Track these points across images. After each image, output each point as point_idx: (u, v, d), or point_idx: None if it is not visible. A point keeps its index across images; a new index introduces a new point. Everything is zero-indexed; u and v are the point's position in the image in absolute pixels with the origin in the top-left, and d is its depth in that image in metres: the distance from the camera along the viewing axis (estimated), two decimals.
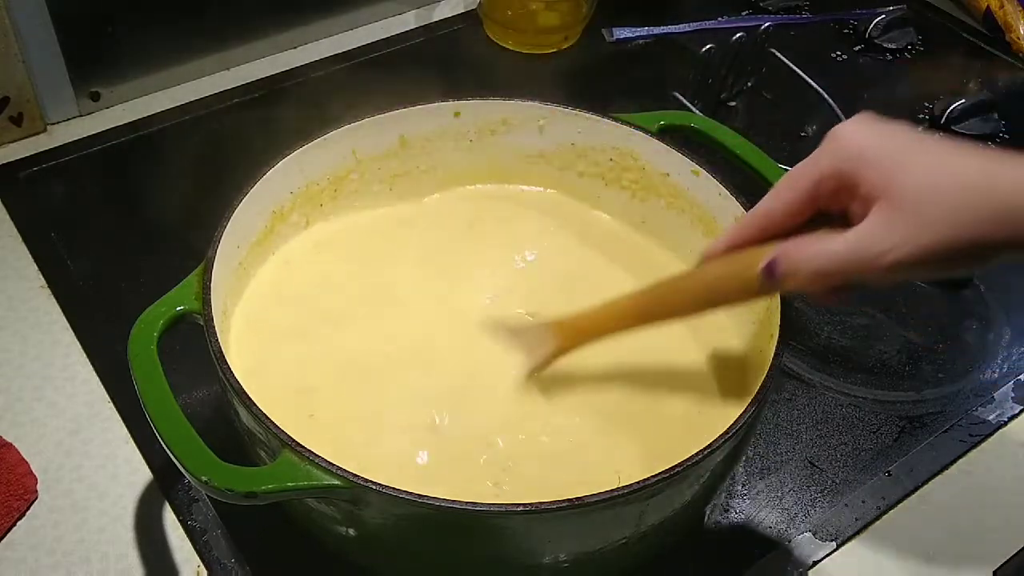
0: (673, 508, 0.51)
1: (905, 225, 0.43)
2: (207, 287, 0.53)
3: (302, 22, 0.97)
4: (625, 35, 0.99)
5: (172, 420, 0.47)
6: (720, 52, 0.88)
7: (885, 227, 0.44)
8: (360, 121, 0.65)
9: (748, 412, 0.50)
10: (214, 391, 0.64)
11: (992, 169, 0.43)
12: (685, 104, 0.88)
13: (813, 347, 0.73)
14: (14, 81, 0.82)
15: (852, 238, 0.45)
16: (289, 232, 0.65)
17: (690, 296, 0.54)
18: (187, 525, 0.60)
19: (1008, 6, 1.03)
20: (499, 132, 0.68)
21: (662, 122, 0.66)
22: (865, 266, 0.44)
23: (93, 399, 0.66)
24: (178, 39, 0.90)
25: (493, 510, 0.46)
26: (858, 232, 0.44)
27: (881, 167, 0.44)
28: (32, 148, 0.84)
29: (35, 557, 0.58)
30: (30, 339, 0.70)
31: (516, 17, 0.97)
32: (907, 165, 0.44)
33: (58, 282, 0.74)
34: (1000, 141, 0.92)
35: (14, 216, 0.79)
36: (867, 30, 1.02)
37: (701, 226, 0.65)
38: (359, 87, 0.91)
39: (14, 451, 0.62)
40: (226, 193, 0.59)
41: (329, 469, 0.45)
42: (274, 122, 0.85)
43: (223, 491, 0.45)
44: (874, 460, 0.66)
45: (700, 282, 0.53)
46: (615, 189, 0.69)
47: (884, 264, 0.43)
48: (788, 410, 0.69)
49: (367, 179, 0.68)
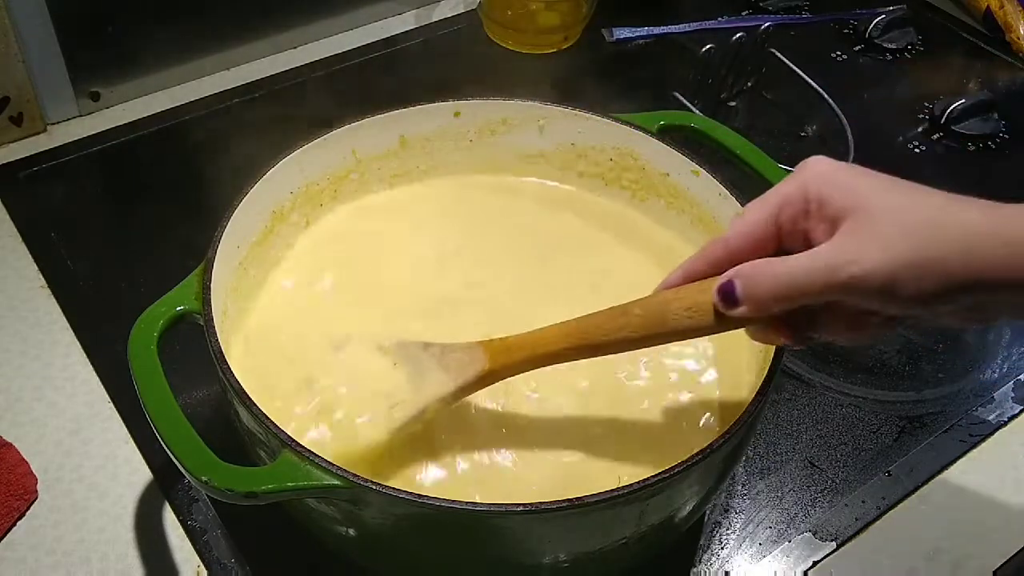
0: (673, 508, 0.51)
1: (870, 238, 0.42)
2: (207, 287, 0.53)
3: (302, 22, 0.97)
4: (625, 35, 0.99)
5: (172, 420, 0.47)
6: (720, 52, 0.88)
7: (849, 242, 0.42)
8: (360, 121, 0.65)
9: (748, 412, 0.50)
10: (214, 391, 0.64)
11: (954, 206, 0.42)
12: (685, 104, 0.88)
13: (813, 347, 0.73)
14: (14, 81, 0.82)
15: (816, 252, 0.43)
16: (289, 232, 0.65)
17: (638, 324, 0.49)
18: (187, 525, 0.60)
19: (1008, 6, 1.03)
20: (499, 132, 0.68)
21: (662, 122, 0.66)
22: (828, 280, 0.42)
23: (93, 399, 0.66)
24: (178, 39, 0.90)
25: (493, 510, 0.46)
26: (822, 247, 0.43)
27: (849, 189, 0.44)
28: (32, 148, 0.85)
29: (35, 557, 0.58)
30: (30, 339, 0.70)
31: (516, 17, 0.97)
32: (876, 190, 0.43)
33: (58, 282, 0.74)
34: (1000, 141, 0.92)
35: (14, 216, 0.79)
36: (867, 30, 1.02)
37: (701, 226, 0.65)
38: (359, 87, 0.91)
39: (14, 451, 0.62)
40: (226, 193, 0.59)
41: (329, 469, 0.45)
42: (274, 122, 0.85)
43: (223, 491, 0.45)
44: (874, 460, 0.66)
45: (649, 309, 0.49)
46: (615, 189, 0.69)
47: (846, 276, 0.42)
48: (788, 410, 0.69)
49: (367, 179, 0.68)
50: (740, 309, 0.45)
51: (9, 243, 0.77)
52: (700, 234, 0.64)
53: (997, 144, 0.92)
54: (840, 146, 0.86)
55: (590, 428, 0.57)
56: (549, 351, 0.52)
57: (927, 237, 0.41)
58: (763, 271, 0.45)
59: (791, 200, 0.46)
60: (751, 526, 0.62)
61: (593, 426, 0.57)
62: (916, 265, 0.41)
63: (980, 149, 0.91)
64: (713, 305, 0.46)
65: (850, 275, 0.42)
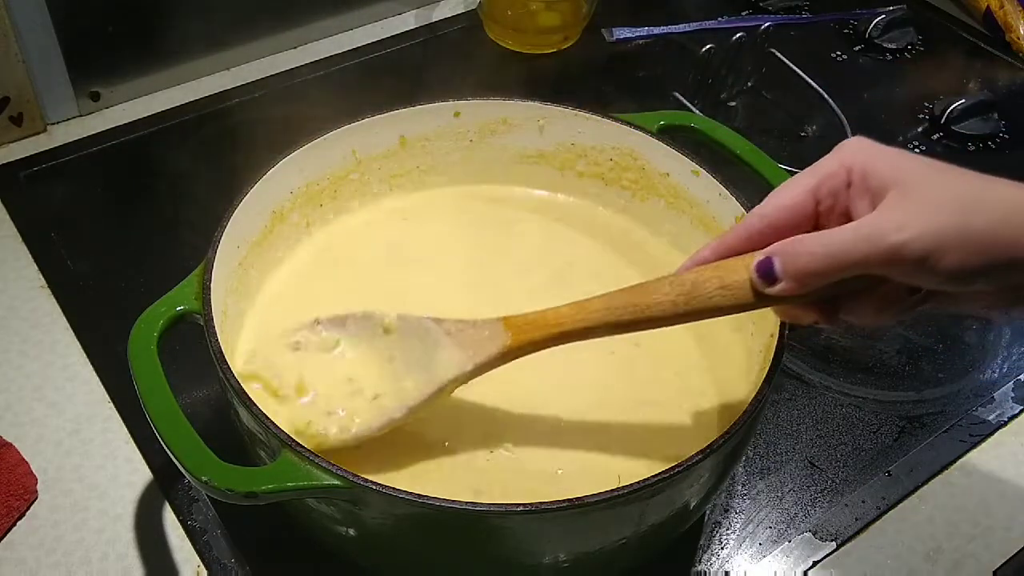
0: (673, 508, 0.51)
1: (915, 208, 0.41)
2: (207, 287, 0.53)
3: (302, 22, 0.97)
4: (625, 35, 0.99)
5: (172, 420, 0.47)
6: (720, 52, 0.88)
7: (893, 211, 0.42)
8: (360, 121, 0.65)
9: (748, 412, 0.50)
10: (214, 391, 0.64)
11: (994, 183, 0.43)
12: (685, 104, 0.88)
13: (813, 347, 0.73)
14: (14, 81, 0.82)
15: (858, 223, 0.42)
16: (289, 232, 0.65)
17: (668, 303, 0.47)
18: (187, 525, 0.60)
19: (1008, 6, 1.03)
20: (499, 132, 0.68)
21: (662, 122, 0.66)
22: (871, 250, 0.41)
23: (93, 399, 0.66)
24: (178, 39, 0.90)
25: (493, 510, 0.46)
26: (864, 218, 0.43)
27: (893, 163, 0.43)
28: (32, 148, 0.85)
29: (35, 557, 0.58)
30: (30, 339, 0.70)
31: (516, 17, 0.97)
32: (919, 165, 0.43)
33: (58, 282, 0.74)
34: (1000, 141, 0.92)
35: (14, 216, 0.79)
36: (867, 30, 1.02)
37: (701, 226, 0.65)
38: (359, 87, 0.91)
39: (14, 451, 0.62)
40: (226, 193, 0.59)
41: (329, 469, 0.45)
42: (274, 122, 0.85)
43: (223, 491, 0.45)
44: (874, 460, 0.66)
45: (681, 288, 0.47)
46: (615, 189, 0.69)
47: (888, 244, 0.41)
48: (788, 410, 0.69)
49: (367, 179, 0.68)
50: (779, 286, 0.44)
51: (9, 243, 0.77)
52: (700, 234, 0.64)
53: (997, 144, 0.92)
54: None
55: (590, 428, 0.57)
56: (574, 328, 0.50)
57: (972, 209, 0.41)
58: (803, 246, 0.44)
59: (832, 173, 0.45)
60: (751, 526, 0.62)
61: (593, 426, 0.57)
62: (961, 235, 0.41)
63: (980, 149, 0.91)
64: (750, 283, 0.45)
65: (893, 243, 0.41)
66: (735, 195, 0.61)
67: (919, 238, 0.40)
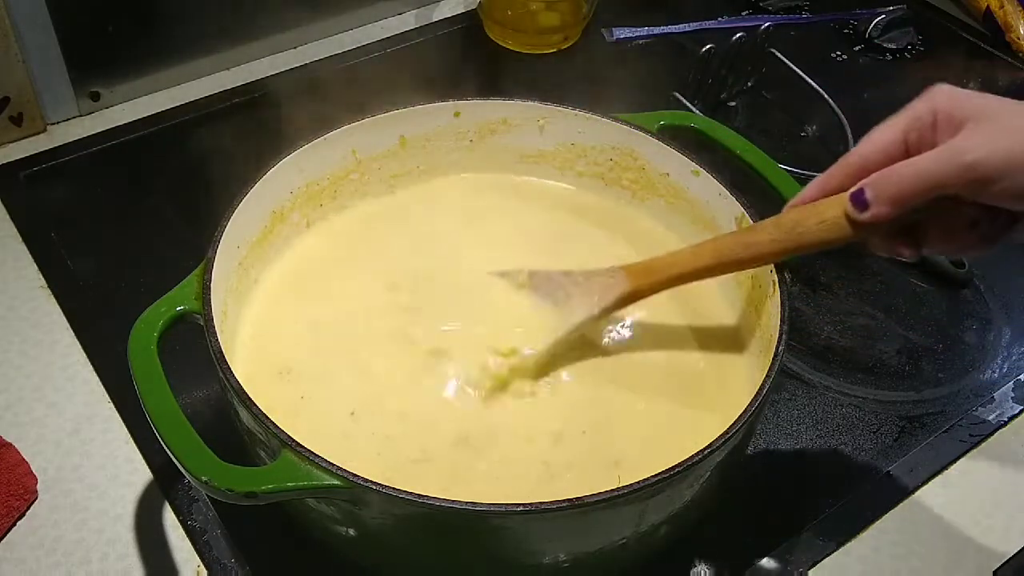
0: (673, 508, 0.51)
1: (996, 129, 0.45)
2: (207, 287, 0.53)
3: (302, 22, 0.97)
4: (625, 35, 0.99)
5: (172, 420, 0.47)
6: (720, 52, 0.88)
7: (974, 133, 0.45)
8: (360, 121, 0.65)
9: (748, 412, 0.50)
10: (214, 391, 0.64)
11: None
12: (685, 104, 0.88)
13: (813, 347, 0.73)
14: (14, 81, 0.82)
15: (940, 148, 0.46)
16: (289, 232, 0.65)
17: (769, 241, 0.53)
18: (187, 525, 0.60)
19: (1008, 6, 1.03)
20: (499, 132, 0.68)
21: (662, 122, 0.66)
22: (951, 169, 0.45)
23: (93, 399, 0.66)
24: (178, 39, 0.90)
25: (493, 510, 0.46)
26: (943, 145, 0.46)
27: (976, 101, 0.47)
28: (32, 148, 0.85)
29: (35, 557, 0.58)
30: (30, 339, 0.70)
31: (516, 17, 0.97)
32: (1002, 101, 0.47)
33: (58, 282, 0.74)
34: None
35: (14, 216, 0.79)
36: (867, 30, 1.02)
37: (701, 226, 0.65)
38: (359, 87, 0.91)
39: (14, 451, 0.62)
40: (226, 193, 0.59)
41: (329, 469, 0.45)
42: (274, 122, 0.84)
43: (223, 491, 0.45)
44: (874, 460, 0.66)
45: (781, 227, 0.53)
46: (615, 189, 0.69)
47: (971, 159, 0.44)
48: (788, 410, 0.69)
49: (367, 179, 0.68)
50: (870, 212, 0.48)
51: (9, 243, 0.77)
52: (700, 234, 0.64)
53: None
54: (840, 146, 0.86)
55: (590, 428, 0.57)
56: (686, 270, 0.56)
57: None
58: (891, 172, 0.48)
59: (920, 116, 0.48)
60: (751, 526, 0.62)
61: (593, 426, 0.57)
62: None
63: None
64: (845, 214, 0.49)
65: (968, 162, 0.45)
66: (735, 195, 0.61)
67: (991, 156, 0.44)
